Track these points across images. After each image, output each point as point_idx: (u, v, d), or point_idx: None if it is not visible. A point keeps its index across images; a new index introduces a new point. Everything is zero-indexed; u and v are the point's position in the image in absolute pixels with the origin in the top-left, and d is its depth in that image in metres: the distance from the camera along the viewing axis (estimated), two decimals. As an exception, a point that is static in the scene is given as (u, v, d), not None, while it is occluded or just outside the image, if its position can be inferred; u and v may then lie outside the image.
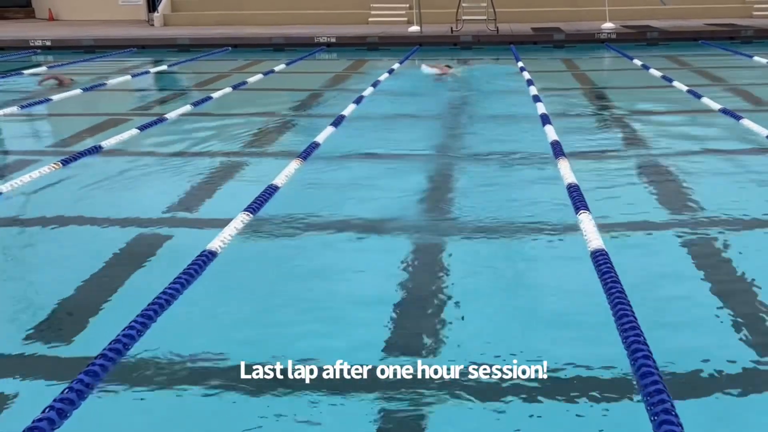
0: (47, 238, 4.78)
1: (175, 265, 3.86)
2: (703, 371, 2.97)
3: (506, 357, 3.08)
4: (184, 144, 7.48)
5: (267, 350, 3.16)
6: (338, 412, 2.75)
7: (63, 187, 5.85)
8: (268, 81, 11.84)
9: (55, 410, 2.61)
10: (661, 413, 2.52)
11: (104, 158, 6.73)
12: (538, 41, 16.39)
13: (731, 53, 13.99)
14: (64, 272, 4.12)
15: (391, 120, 8.54)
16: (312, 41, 16.59)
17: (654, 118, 8.37)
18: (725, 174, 5.95)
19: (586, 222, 4.46)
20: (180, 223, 4.95)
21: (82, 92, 10.70)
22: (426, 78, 12.04)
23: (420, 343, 3.21)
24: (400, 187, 5.59)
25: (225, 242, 4.25)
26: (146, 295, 3.49)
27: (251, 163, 6.64)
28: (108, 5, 22.58)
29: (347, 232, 4.67)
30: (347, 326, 3.45)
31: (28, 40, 17.12)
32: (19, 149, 7.56)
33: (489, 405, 2.76)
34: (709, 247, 4.34)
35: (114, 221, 4.95)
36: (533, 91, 9.62)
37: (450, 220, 4.85)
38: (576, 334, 3.32)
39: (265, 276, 4.06)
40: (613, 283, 3.52)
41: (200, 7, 21.30)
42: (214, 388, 2.90)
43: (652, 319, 3.28)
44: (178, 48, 16.52)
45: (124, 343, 3.06)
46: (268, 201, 5.09)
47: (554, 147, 6.46)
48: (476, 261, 4.20)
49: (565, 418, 2.71)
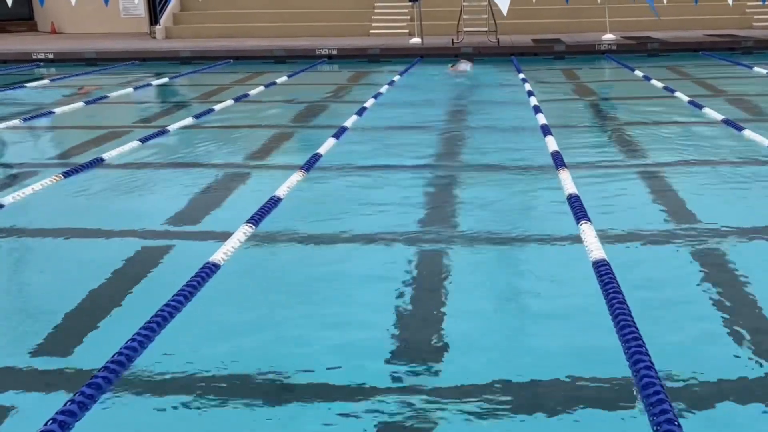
0: (49, 251, 4.79)
1: (177, 277, 3.87)
2: (706, 380, 2.97)
3: (506, 366, 3.08)
4: (186, 156, 7.50)
5: (269, 360, 3.16)
6: (340, 419, 2.74)
7: (64, 199, 5.87)
8: (269, 93, 11.88)
9: (57, 423, 2.61)
10: (663, 423, 2.52)
11: (106, 170, 6.75)
12: (538, 52, 16.44)
13: (732, 64, 14.03)
14: (66, 284, 4.13)
15: (391, 131, 8.56)
16: (313, 53, 16.64)
17: (656, 128, 8.38)
18: (727, 184, 5.96)
19: (587, 232, 4.47)
20: (182, 235, 4.96)
21: (84, 105, 10.74)
22: (426, 89, 12.08)
23: (421, 352, 3.21)
24: (402, 197, 5.60)
25: (228, 254, 4.25)
26: (149, 307, 3.49)
27: (253, 175, 6.66)
28: (110, 18, 22.63)
29: (349, 243, 4.68)
30: (349, 335, 3.45)
31: (31, 53, 17.19)
32: (21, 161, 7.58)
33: (490, 414, 2.75)
34: (710, 257, 4.34)
35: (116, 233, 4.96)
36: (534, 102, 9.65)
37: (450, 230, 4.85)
38: (577, 343, 3.32)
39: (267, 287, 4.07)
40: (615, 293, 3.53)
41: (202, 19, 21.37)
42: (217, 398, 2.90)
43: (654, 329, 3.29)
44: (180, 60, 16.58)
45: (127, 356, 3.07)
46: (270, 213, 5.10)
47: (555, 157, 6.48)
48: (477, 271, 4.21)
49: (567, 427, 2.71)
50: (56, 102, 11.01)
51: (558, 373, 3.03)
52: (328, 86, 12.97)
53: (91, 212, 5.51)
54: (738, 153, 6.99)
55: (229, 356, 3.22)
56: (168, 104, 11.64)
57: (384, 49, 16.87)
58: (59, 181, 6.14)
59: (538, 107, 9.17)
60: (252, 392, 2.95)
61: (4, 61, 16.91)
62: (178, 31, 21.08)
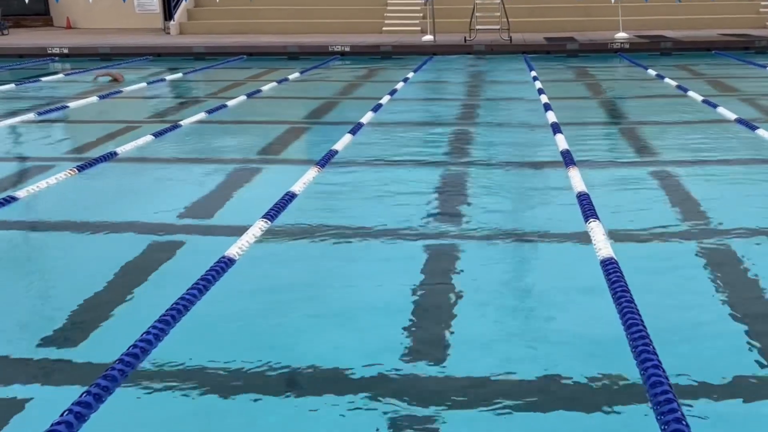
0: (63, 244, 4.84)
1: (191, 271, 3.91)
2: (715, 380, 2.97)
3: (516, 364, 3.11)
4: (200, 151, 7.55)
5: (282, 354, 3.19)
6: (350, 414, 2.78)
7: (78, 192, 5.93)
8: (282, 89, 11.92)
9: (73, 414, 2.65)
10: (671, 422, 2.53)
11: (120, 165, 6.80)
12: (551, 50, 16.42)
13: (745, 63, 13.97)
14: (81, 278, 4.17)
15: (405, 127, 8.59)
16: (326, 50, 16.67)
17: (668, 127, 8.38)
18: (740, 184, 5.95)
19: (595, 231, 4.48)
20: (196, 229, 5.00)
21: (99, 99, 10.81)
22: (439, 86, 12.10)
23: (433, 349, 3.24)
24: (414, 194, 5.64)
25: (243, 249, 4.29)
26: (162, 300, 3.54)
27: (265, 171, 6.69)
28: (124, 14, 22.73)
29: (361, 239, 4.71)
30: (361, 330, 3.48)
31: (46, 48, 17.30)
32: (36, 155, 7.65)
33: (498, 412, 2.78)
34: (721, 257, 4.34)
35: (130, 227, 5.00)
36: (544, 100, 9.65)
37: (460, 227, 4.88)
38: (585, 342, 3.34)
39: (282, 282, 4.10)
40: (623, 291, 3.55)
41: (215, 15, 21.44)
42: (228, 392, 2.93)
43: (662, 328, 3.30)
44: (194, 56, 16.64)
45: (142, 348, 3.11)
46: (285, 208, 5.13)
47: (565, 155, 6.49)
48: (487, 268, 4.22)
49: (574, 426, 2.73)
50: (71, 96, 11.09)
51: (565, 371, 3.05)
52: (340, 83, 13.00)
53: (105, 206, 5.56)
54: (751, 152, 6.98)
55: (242, 350, 3.25)
56: (181, 99, 11.70)
57: (396, 47, 16.88)
58: (73, 174, 6.20)
59: (549, 105, 9.18)
60: (263, 386, 2.97)
61: (20, 56, 17.03)
62: (192, 27, 21.16)
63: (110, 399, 2.81)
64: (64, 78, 13.72)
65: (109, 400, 2.80)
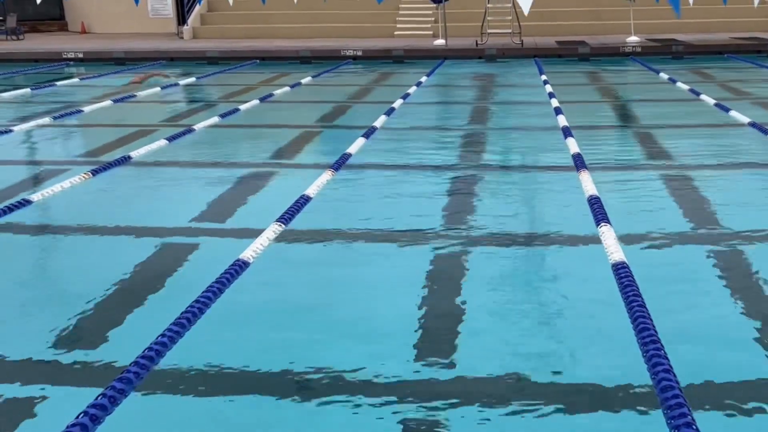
0: (78, 247, 4.88)
1: (205, 274, 3.95)
2: (725, 384, 2.97)
3: (526, 366, 3.12)
4: (214, 155, 7.60)
5: (295, 357, 3.22)
6: (360, 417, 2.80)
7: (93, 196, 5.97)
8: (295, 93, 11.98)
9: (89, 416, 2.68)
10: (682, 426, 2.54)
11: (134, 168, 6.86)
12: (562, 54, 16.40)
13: (757, 67, 13.91)
14: (95, 281, 4.20)
15: (417, 131, 8.62)
16: (338, 54, 16.74)
17: (680, 131, 8.36)
18: (753, 188, 5.93)
19: (607, 235, 4.49)
20: (210, 232, 5.03)
21: (113, 103, 10.89)
22: (451, 90, 12.11)
23: (441, 351, 3.26)
24: (426, 197, 5.67)
25: (257, 252, 4.32)
26: (177, 303, 3.57)
27: (278, 174, 6.73)
28: (138, 18, 22.90)
29: (373, 242, 4.73)
30: (374, 334, 3.50)
31: (61, 53, 17.46)
32: (51, 159, 7.73)
33: (509, 415, 2.79)
34: (733, 260, 4.33)
35: (144, 231, 5.05)
36: (555, 104, 9.66)
37: (472, 230, 4.89)
38: (596, 345, 3.35)
39: (295, 285, 4.13)
40: (634, 296, 3.55)
41: (229, 20, 21.54)
42: (241, 394, 2.96)
43: (673, 332, 3.31)
44: (207, 60, 16.75)
45: (157, 351, 3.14)
46: (300, 211, 5.16)
47: (576, 159, 6.49)
48: (497, 271, 4.23)
49: (585, 427, 2.74)
50: (85, 100, 11.18)
51: (576, 374, 3.06)
52: (353, 87, 13.04)
53: (120, 209, 5.60)
54: (765, 156, 6.95)
55: (256, 353, 3.28)
56: (195, 104, 11.77)
57: (408, 51, 16.91)
58: (88, 178, 6.25)
59: (560, 109, 9.18)
60: (276, 389, 3.00)
61: (35, 60, 17.19)
62: (205, 32, 21.29)
63: (124, 402, 2.84)
64: (78, 82, 13.82)
65: (123, 402, 2.83)
